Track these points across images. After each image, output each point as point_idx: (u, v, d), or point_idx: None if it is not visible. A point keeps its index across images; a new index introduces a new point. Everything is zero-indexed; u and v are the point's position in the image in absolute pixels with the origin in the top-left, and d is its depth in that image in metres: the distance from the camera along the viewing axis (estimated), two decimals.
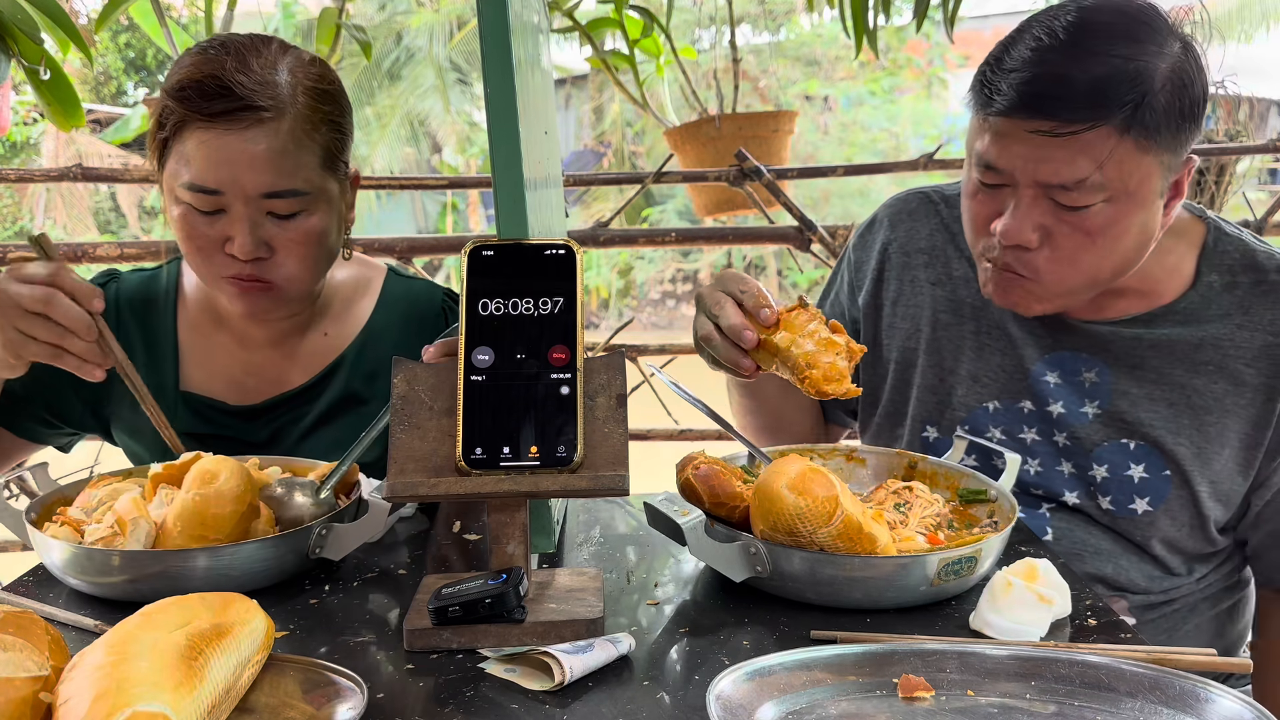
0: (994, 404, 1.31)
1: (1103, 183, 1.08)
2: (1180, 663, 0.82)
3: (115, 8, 2.28)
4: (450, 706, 0.78)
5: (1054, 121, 1.06)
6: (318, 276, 1.29)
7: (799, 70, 13.06)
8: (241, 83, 1.16)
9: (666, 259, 13.59)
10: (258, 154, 1.17)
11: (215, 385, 1.36)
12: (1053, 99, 1.06)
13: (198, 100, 1.16)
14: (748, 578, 0.95)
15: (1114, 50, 1.07)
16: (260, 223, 1.20)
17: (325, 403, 1.36)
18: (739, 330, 1.06)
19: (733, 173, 2.59)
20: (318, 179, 1.22)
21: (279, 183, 1.18)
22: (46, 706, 0.67)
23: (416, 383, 0.90)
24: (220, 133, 1.16)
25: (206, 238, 1.20)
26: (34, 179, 3.03)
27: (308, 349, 1.38)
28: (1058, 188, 1.09)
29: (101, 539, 0.99)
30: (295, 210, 1.21)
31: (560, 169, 1.36)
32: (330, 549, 1.02)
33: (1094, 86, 1.06)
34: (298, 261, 1.23)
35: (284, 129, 1.18)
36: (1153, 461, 1.22)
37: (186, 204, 1.19)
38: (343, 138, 1.27)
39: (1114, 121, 1.06)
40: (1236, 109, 2.45)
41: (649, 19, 2.79)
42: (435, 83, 11.86)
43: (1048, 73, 1.07)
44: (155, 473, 1.07)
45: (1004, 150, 1.11)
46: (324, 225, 1.24)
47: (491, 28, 0.88)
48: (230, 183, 1.17)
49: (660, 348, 2.84)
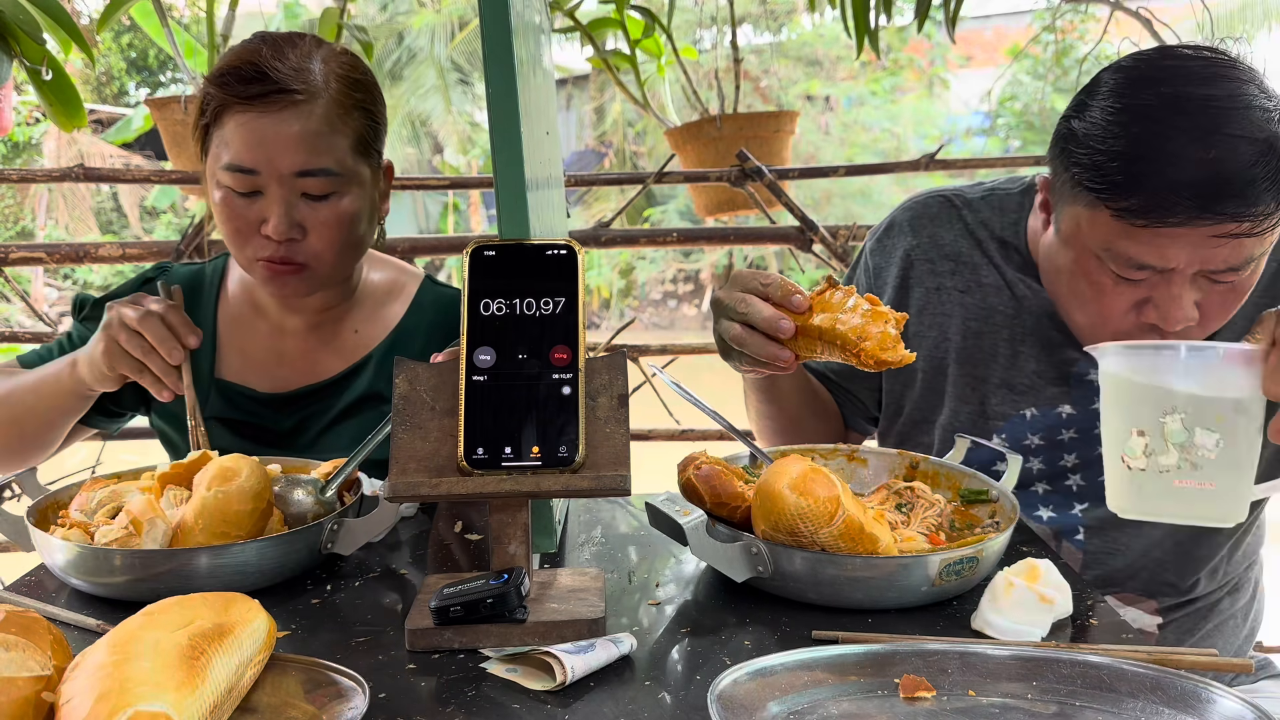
0: (1031, 410, 1.29)
1: (1264, 252, 1.07)
2: (1182, 663, 0.82)
3: (117, 8, 2.28)
4: (452, 706, 0.78)
5: (1246, 223, 1.03)
6: (348, 260, 1.34)
7: (800, 70, 13.06)
8: (276, 68, 1.23)
9: (668, 259, 13.60)
10: (292, 134, 1.23)
11: (248, 373, 1.41)
12: (1234, 199, 1.02)
13: (236, 85, 1.23)
14: (749, 578, 0.95)
15: (1250, 121, 1.03)
16: (294, 204, 1.25)
17: (350, 397, 1.40)
18: (775, 322, 1.04)
19: (734, 173, 2.59)
20: (350, 162, 1.28)
21: (312, 161, 1.24)
22: (49, 706, 0.67)
23: (418, 383, 0.91)
24: (257, 115, 1.22)
25: (244, 219, 1.26)
26: (36, 179, 3.03)
27: (339, 343, 1.43)
28: (1223, 270, 1.07)
29: (116, 539, 0.98)
30: (328, 191, 1.26)
31: (562, 169, 1.36)
32: (342, 544, 1.04)
33: (1262, 175, 1.02)
34: (328, 243, 1.28)
35: (317, 112, 1.24)
36: None
37: (226, 187, 1.25)
38: (375, 126, 1.33)
39: (1275, 206, 1.03)
40: None
41: (650, 19, 2.79)
42: (437, 83, 11.87)
43: (1211, 175, 1.02)
44: (163, 472, 1.08)
45: (1162, 252, 1.06)
46: (355, 209, 1.29)
47: (493, 28, 0.88)
48: (266, 162, 1.23)
49: (662, 348, 2.84)
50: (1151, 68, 1.09)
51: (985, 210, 1.35)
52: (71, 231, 11.21)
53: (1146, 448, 0.93)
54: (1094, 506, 1.27)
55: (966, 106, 13.17)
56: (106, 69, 12.97)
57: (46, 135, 11.11)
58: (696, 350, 2.77)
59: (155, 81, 13.44)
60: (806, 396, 1.40)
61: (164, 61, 13.01)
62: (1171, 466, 0.92)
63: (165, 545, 0.98)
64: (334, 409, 1.40)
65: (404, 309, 1.45)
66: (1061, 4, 3.73)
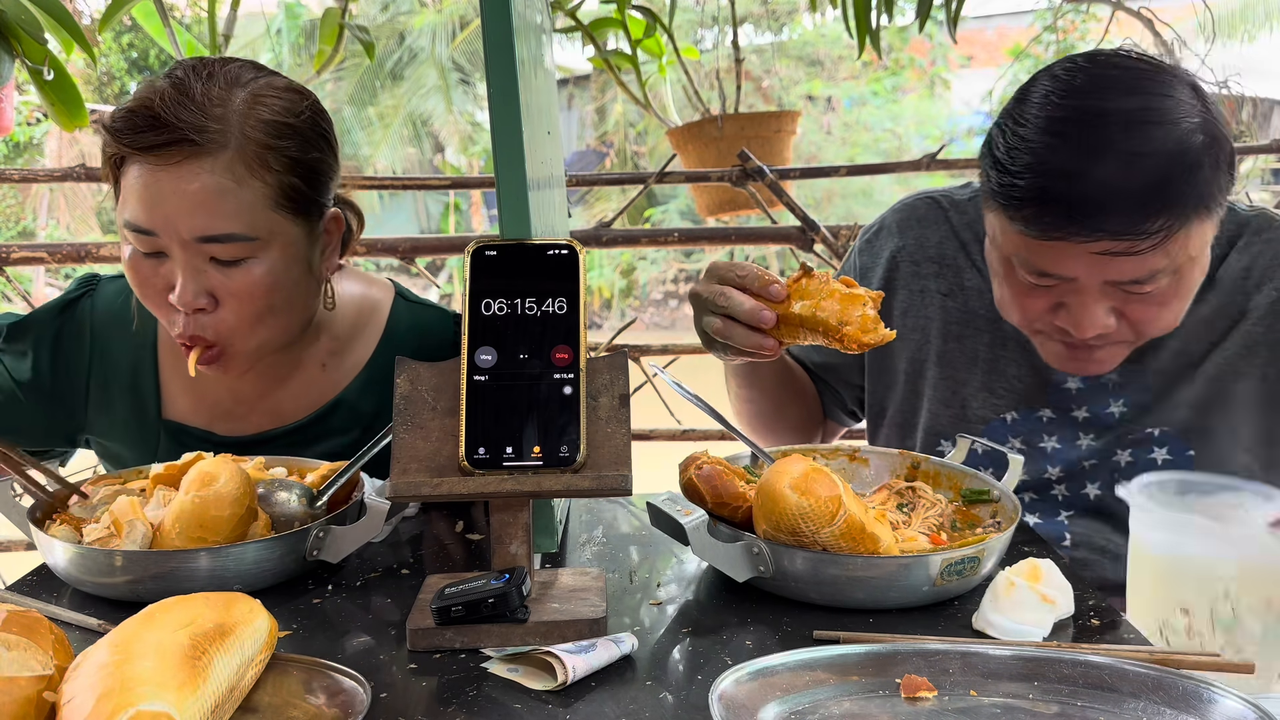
0: (1012, 414, 1.30)
1: (1173, 265, 1.06)
2: (1183, 663, 0.82)
3: (119, 8, 2.28)
4: (453, 706, 0.78)
5: (1124, 242, 1.02)
6: (274, 332, 1.17)
7: (802, 70, 13.05)
8: (176, 114, 1.06)
9: (669, 259, 13.59)
10: (191, 192, 1.07)
11: (201, 414, 1.27)
12: (1116, 218, 1.01)
13: (128, 134, 1.08)
14: (750, 578, 0.95)
15: (1150, 138, 1.01)
16: (202, 269, 1.10)
17: (327, 447, 1.27)
18: (756, 314, 1.04)
19: (735, 173, 2.59)
20: (266, 222, 1.11)
21: (214, 225, 1.08)
22: (51, 706, 0.67)
23: (419, 382, 0.91)
24: (154, 168, 1.07)
25: (152, 285, 1.12)
26: (37, 179, 3.03)
27: (303, 380, 1.28)
28: (1129, 283, 1.07)
29: (99, 540, 0.99)
30: (239, 256, 1.10)
31: (563, 169, 1.36)
32: (328, 551, 1.01)
33: (1150, 194, 1.01)
34: (243, 316, 1.12)
35: (221, 165, 1.08)
36: (1175, 445, 1.23)
37: (131, 245, 1.11)
38: (312, 175, 1.15)
39: (1184, 221, 1.02)
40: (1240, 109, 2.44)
41: (652, 19, 2.79)
42: (438, 83, 11.87)
43: (1097, 193, 1.01)
44: (156, 473, 1.07)
45: (1060, 263, 1.07)
46: (274, 276, 1.12)
47: (494, 28, 0.88)
48: (163, 223, 1.08)
49: (663, 348, 2.84)
50: (1079, 76, 1.08)
51: (972, 212, 1.36)
52: (73, 231, 11.22)
53: (1190, 629, 0.89)
54: (1079, 515, 1.28)
55: (968, 106, 13.17)
56: (108, 69, 12.97)
57: (48, 135, 11.12)
58: (698, 350, 2.76)
59: None
60: (786, 380, 1.42)
61: (165, 62, 13.01)
62: (1215, 648, 0.87)
63: (144, 547, 0.98)
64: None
65: (376, 337, 1.30)
66: (1063, 4, 3.73)
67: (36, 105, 10.16)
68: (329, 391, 1.28)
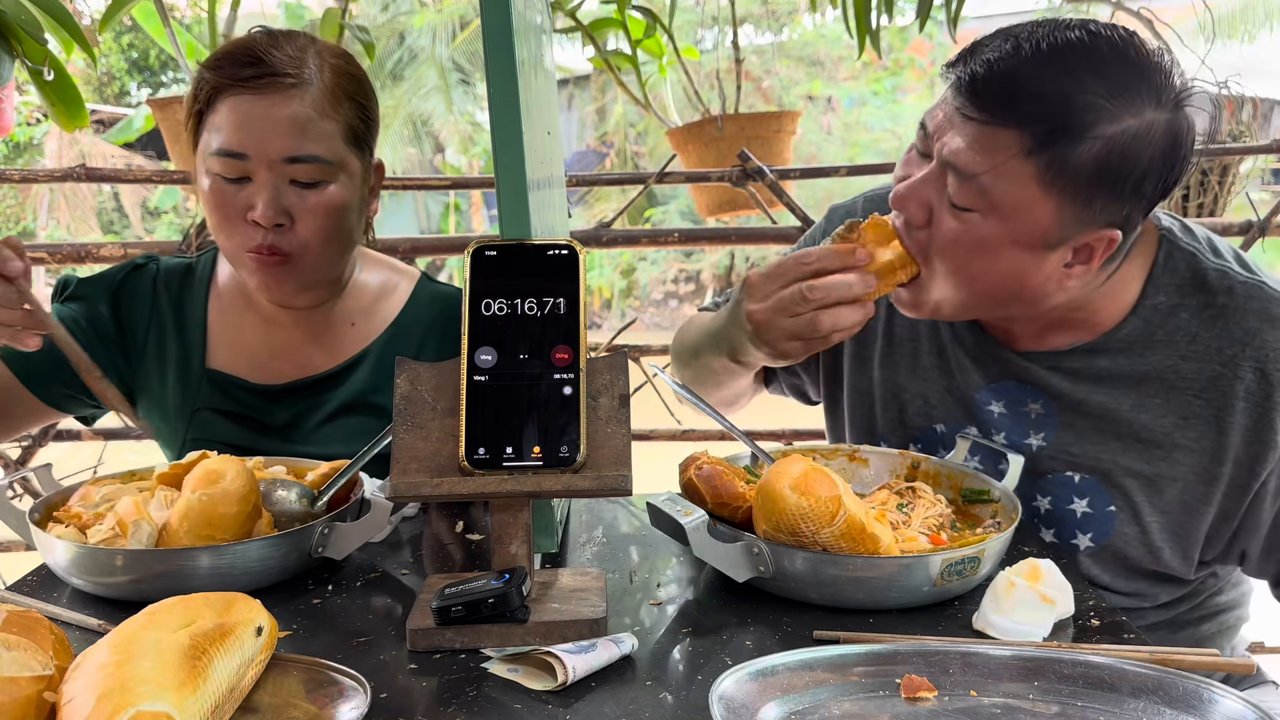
0: (941, 426, 1.27)
1: (987, 190, 1.02)
2: (1183, 663, 0.82)
3: (119, 9, 2.28)
4: (453, 706, 0.78)
5: (971, 106, 1.01)
6: (335, 254, 1.33)
7: (802, 70, 13.05)
8: (271, 54, 1.24)
9: (669, 259, 13.59)
10: (283, 118, 1.23)
11: (239, 363, 1.40)
12: (983, 84, 1.01)
13: (230, 68, 1.24)
14: (750, 578, 0.95)
15: (1078, 76, 0.98)
16: (283, 190, 1.25)
17: (347, 394, 1.39)
18: (865, 283, 1.08)
19: (735, 173, 2.59)
20: (340, 151, 1.28)
21: (302, 147, 1.24)
22: (51, 706, 0.67)
23: (420, 383, 0.91)
24: (249, 98, 1.23)
25: (232, 206, 1.26)
26: (38, 179, 3.03)
27: (334, 336, 1.42)
28: (952, 168, 1.04)
29: (104, 540, 0.99)
30: (317, 179, 1.26)
31: (563, 169, 1.36)
32: (333, 548, 1.02)
33: (1027, 93, 0.99)
34: (316, 232, 1.27)
35: (308, 98, 1.25)
36: (1098, 495, 1.17)
37: (215, 174, 1.25)
38: (367, 120, 1.33)
39: (1021, 131, 0.99)
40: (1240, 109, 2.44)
41: (651, 19, 2.79)
42: (438, 83, 11.86)
43: (1002, 68, 1.00)
44: (162, 473, 1.08)
45: (941, 123, 1.06)
46: (344, 200, 1.29)
47: (494, 28, 0.88)
48: (255, 145, 1.23)
49: (663, 348, 2.83)
50: None
51: None
52: (73, 232, 11.21)
53: None
54: None
55: None
56: (108, 69, 12.97)
57: (48, 135, 11.11)
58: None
59: (157, 82, 13.44)
60: None
61: (165, 62, 13.02)
62: None
63: (150, 547, 0.98)
64: (329, 405, 1.39)
65: (400, 305, 1.45)
66: (1063, 4, 3.73)
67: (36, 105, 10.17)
68: (354, 347, 1.42)
